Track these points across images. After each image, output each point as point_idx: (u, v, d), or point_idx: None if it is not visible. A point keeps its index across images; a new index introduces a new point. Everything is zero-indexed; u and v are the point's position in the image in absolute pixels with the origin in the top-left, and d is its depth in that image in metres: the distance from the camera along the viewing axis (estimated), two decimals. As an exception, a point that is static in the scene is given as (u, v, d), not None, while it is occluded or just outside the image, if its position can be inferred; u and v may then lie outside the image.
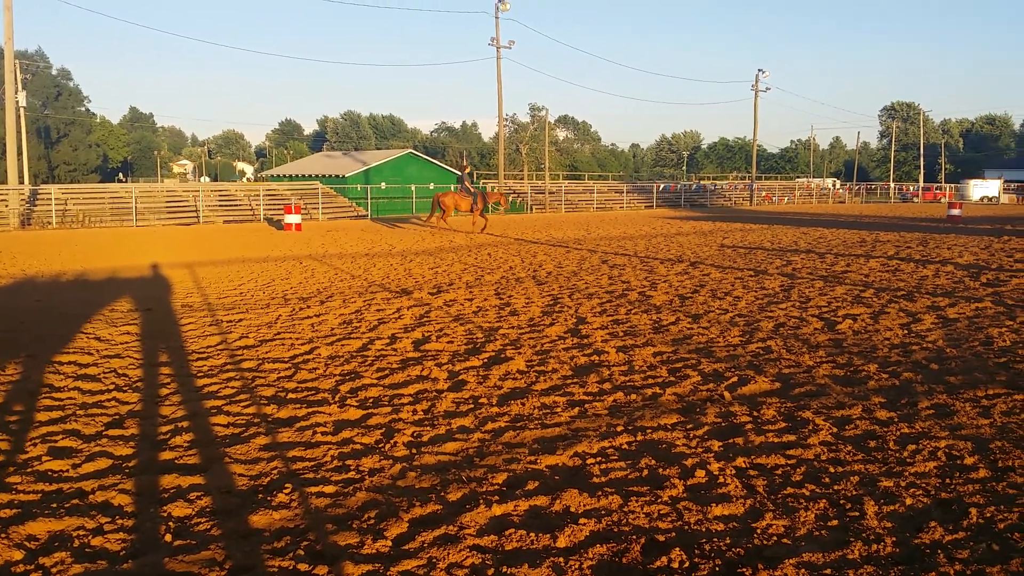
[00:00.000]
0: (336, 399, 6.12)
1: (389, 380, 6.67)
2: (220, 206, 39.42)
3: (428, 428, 5.38)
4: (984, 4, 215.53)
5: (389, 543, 3.68)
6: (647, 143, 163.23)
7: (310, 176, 51.68)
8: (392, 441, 5.13)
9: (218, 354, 7.79)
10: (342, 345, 8.13)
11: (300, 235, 27.55)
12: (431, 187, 51.29)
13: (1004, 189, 70.46)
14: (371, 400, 6.09)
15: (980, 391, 5.99)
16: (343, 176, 50.44)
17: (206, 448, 5.03)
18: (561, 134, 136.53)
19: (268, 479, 4.48)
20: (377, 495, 4.24)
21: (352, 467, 4.68)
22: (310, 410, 5.84)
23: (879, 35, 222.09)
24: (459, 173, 30.15)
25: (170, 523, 3.92)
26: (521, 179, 71.72)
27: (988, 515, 3.81)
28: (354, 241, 24.18)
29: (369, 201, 45.81)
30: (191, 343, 8.34)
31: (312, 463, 4.75)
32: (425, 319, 9.64)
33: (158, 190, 43.03)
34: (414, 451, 4.94)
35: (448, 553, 3.55)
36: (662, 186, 66.99)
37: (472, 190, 28.27)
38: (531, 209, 52.42)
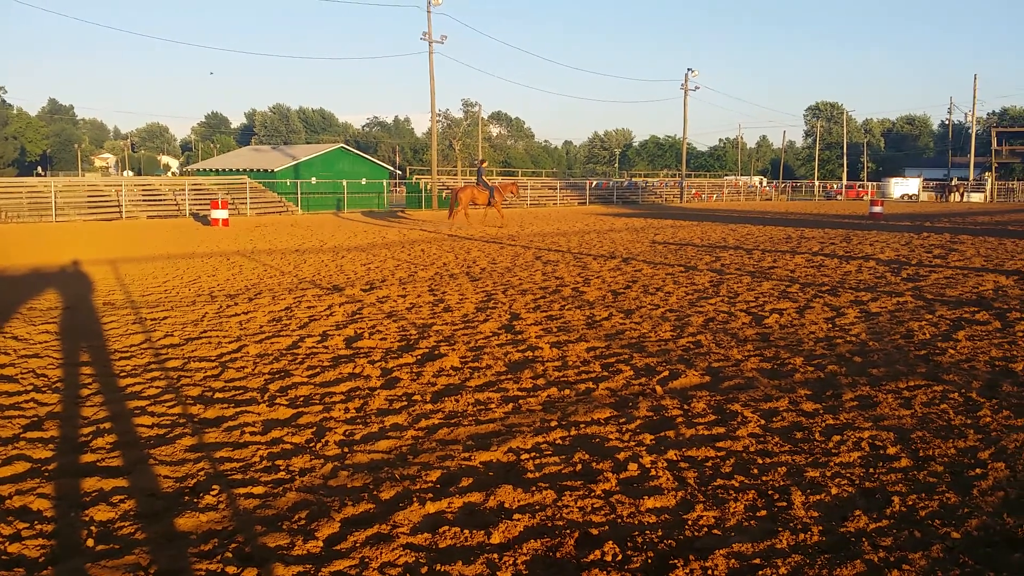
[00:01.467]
0: (265, 398, 6.00)
1: (320, 378, 6.56)
2: (144, 201, 38.30)
3: (360, 426, 5.32)
4: (904, 8, 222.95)
5: (320, 543, 3.61)
6: (580, 140, 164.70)
7: (238, 170, 50.56)
8: (323, 440, 5.05)
9: (142, 353, 7.56)
10: (271, 343, 7.98)
11: (227, 231, 26.99)
12: (363, 182, 50.84)
13: (923, 187, 73.06)
14: (302, 399, 5.99)
15: (901, 383, 6.19)
16: (272, 170, 49.48)
17: (129, 450, 4.87)
18: (495, 130, 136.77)
19: (194, 481, 4.37)
20: (308, 495, 4.16)
21: (282, 467, 4.59)
22: (238, 409, 5.71)
23: (804, 36, 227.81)
24: (479, 168, 30.92)
25: (92, 528, 3.78)
26: (455, 175, 71.49)
27: (910, 503, 3.92)
28: (284, 237, 23.78)
29: (299, 196, 45.14)
30: (114, 342, 8.08)
31: (240, 464, 4.65)
32: (357, 316, 9.53)
33: (79, 184, 41.56)
34: (346, 450, 4.87)
35: (381, 552, 3.51)
36: (595, 183, 67.56)
37: (489, 184, 28.80)
38: (464, 205, 52.21)
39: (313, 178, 48.26)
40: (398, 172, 69.68)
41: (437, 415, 5.53)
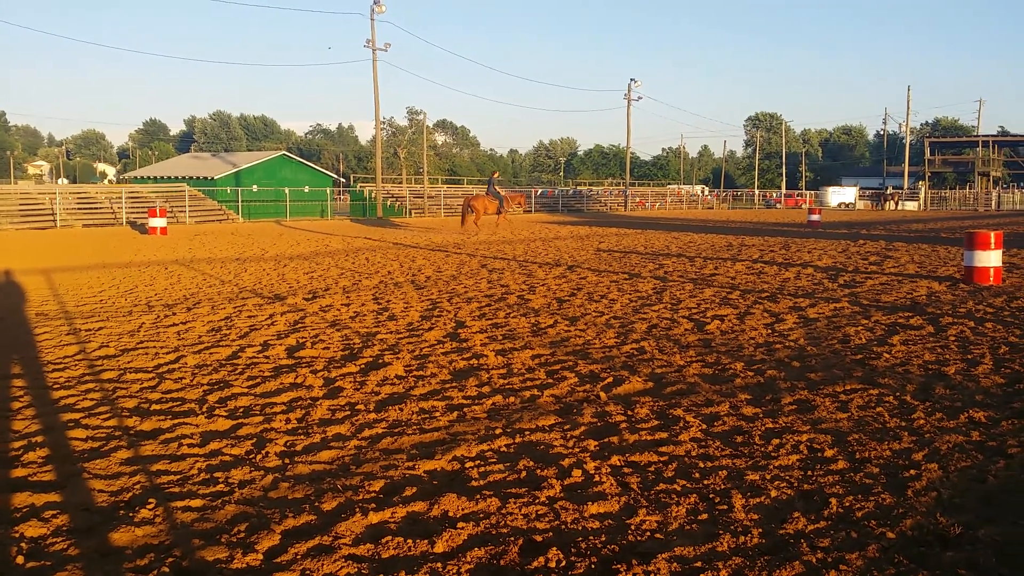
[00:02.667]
0: (204, 409, 5.88)
1: (261, 388, 6.46)
2: (79, 209, 37.30)
3: (302, 437, 5.24)
4: (840, 21, 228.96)
5: (260, 556, 3.55)
6: (525, 149, 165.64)
7: (177, 178, 49.58)
8: (264, 451, 4.96)
9: (76, 365, 7.35)
10: (210, 353, 7.82)
11: (166, 239, 26.44)
12: (306, 190, 50.25)
13: (860, 196, 74.94)
14: (241, 409, 5.88)
15: (838, 386, 6.32)
16: (212, 178, 48.62)
17: (63, 464, 4.73)
18: (440, 138, 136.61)
19: (130, 494, 4.25)
20: (247, 507, 4.08)
21: (221, 479, 4.49)
22: (176, 421, 5.58)
23: (744, 48, 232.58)
24: (490, 179, 32.36)
25: (23, 544, 3.65)
26: (400, 183, 71.16)
27: (847, 504, 4.00)
28: (224, 245, 23.39)
29: (240, 204, 44.44)
30: (46, 353, 7.84)
31: (178, 476, 4.54)
32: (300, 325, 9.40)
33: (10, 193, 40.30)
34: (287, 461, 4.79)
35: (322, 564, 3.45)
36: (540, 191, 67.91)
37: (500, 194, 30.21)
38: (410, 213, 52.10)
39: (254, 186, 47.56)
40: (342, 180, 69.08)
41: (381, 424, 5.48)
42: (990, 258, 12.90)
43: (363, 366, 7.22)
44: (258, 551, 3.59)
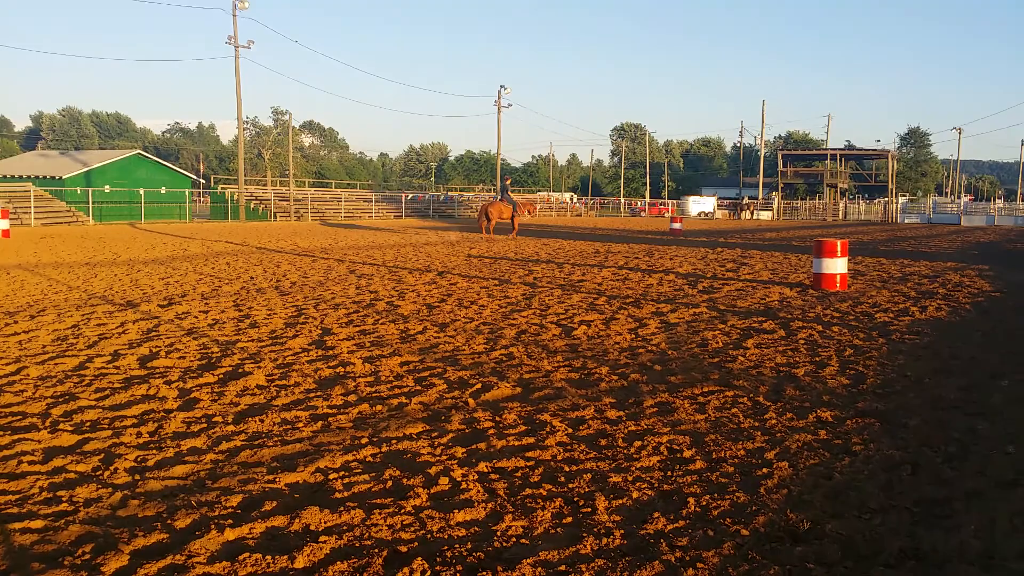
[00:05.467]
0: (47, 424, 5.48)
1: (110, 401, 6.09)
2: (-93, 208, 34.33)
3: (154, 451, 4.97)
4: (700, 37, 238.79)
5: (106, 580, 3.33)
6: (396, 153, 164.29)
7: (21, 177, 46.46)
8: (112, 467, 4.67)
9: (-103, 378, 6.72)
10: (55, 364, 7.33)
11: (8, 242, 24.68)
12: (163, 191, 48.14)
13: (718, 205, 78.28)
14: (88, 424, 5.52)
15: (697, 389, 6.54)
16: (61, 178, 45.83)
17: None
18: (307, 140, 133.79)
19: (-43, 520, 3.91)
20: (94, 527, 3.83)
21: (64, 498, 4.20)
22: (15, 437, 5.18)
23: (610, 59, 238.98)
24: (503, 184, 34.20)
25: None
26: (264, 185, 69.13)
27: (704, 503, 4.13)
28: (73, 249, 22.05)
29: (91, 206, 42.10)
30: None
31: (17, 496, 4.21)
32: (153, 334, 8.95)
33: None
34: (137, 477, 4.53)
35: (174, 586, 3.27)
36: (411, 196, 67.52)
37: (513, 200, 31.63)
38: (275, 217, 50.73)
39: (107, 186, 45.15)
40: (202, 181, 66.52)
41: (239, 437, 5.26)
42: (836, 265, 13.71)
43: (221, 376, 6.93)
44: (104, 573, 3.37)
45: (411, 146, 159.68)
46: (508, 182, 35.38)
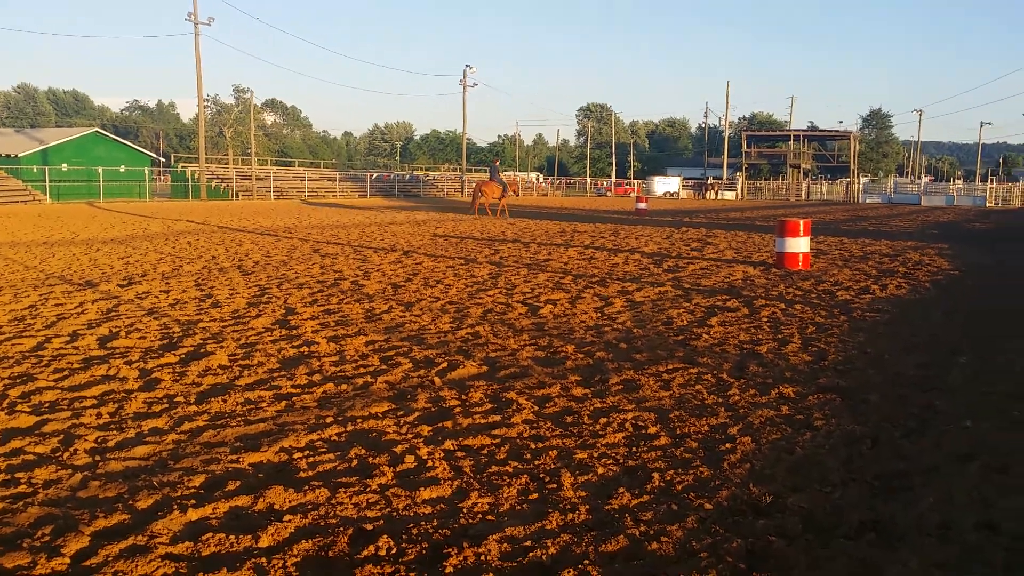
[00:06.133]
0: (4, 405, 5.38)
1: (69, 382, 5.98)
2: None
3: (115, 432, 4.89)
4: (666, 18, 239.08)
5: (67, 560, 3.27)
6: (360, 132, 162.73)
7: (-26, 155, 45.31)
8: (72, 448, 4.59)
9: None
10: (12, 345, 7.18)
11: (-38, 221, 24.10)
12: (122, 170, 47.28)
13: (683, 185, 78.67)
14: (47, 404, 5.42)
15: (662, 366, 6.59)
16: (16, 156, 44.74)
17: None
18: (269, 118, 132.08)
19: (-90, 503, 3.82)
20: (53, 509, 3.76)
21: (23, 480, 4.12)
22: (-31, 420, 5.07)
23: (576, 38, 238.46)
24: (492, 166, 34.86)
25: None
26: (226, 163, 68.12)
27: (668, 478, 4.17)
28: (29, 228, 21.60)
29: (48, 184, 41.24)
30: None
31: (-29, 480, 4.13)
32: (113, 313, 8.80)
33: None
34: (98, 458, 4.46)
35: (136, 565, 3.23)
36: (376, 175, 67.00)
37: (503, 181, 32.47)
38: (237, 196, 50.09)
39: (64, 165, 44.22)
40: (162, 160, 65.41)
41: (202, 417, 5.20)
42: (799, 244, 13.87)
43: (183, 356, 6.84)
44: (65, 555, 3.31)
45: (376, 125, 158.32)
46: (497, 163, 35.94)
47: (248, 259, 14.60)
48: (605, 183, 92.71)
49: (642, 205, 38.48)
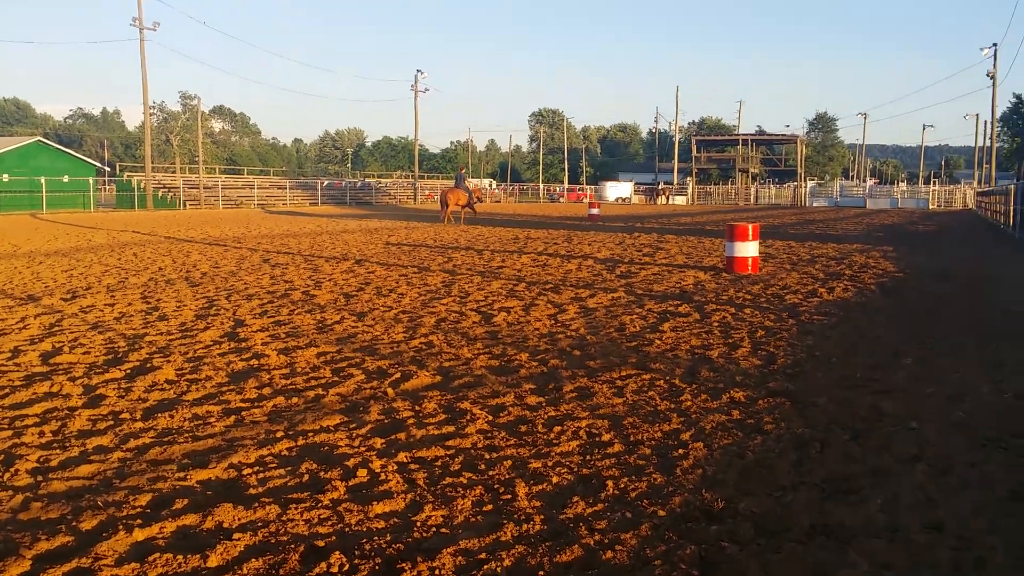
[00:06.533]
0: (-62, 426, 5.20)
1: (10, 400, 5.80)
2: None
3: (58, 451, 4.76)
4: (615, 24, 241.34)
5: (5, 588, 3.17)
6: (311, 139, 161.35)
7: (-90, 165, 43.92)
8: (12, 469, 4.45)
9: None
10: (-52, 362, 6.95)
11: None
12: (65, 180, 46.22)
13: (635, 190, 79.40)
14: (-15, 424, 5.25)
15: (615, 373, 6.62)
16: (-46, 166, 43.54)
17: None
18: (217, 125, 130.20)
19: None
20: (-9, 533, 3.64)
21: (-41, 504, 3.98)
22: (-98, 442, 4.89)
23: (528, 46, 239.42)
24: (459, 174, 34.77)
25: None
26: (173, 172, 66.95)
27: (623, 486, 4.18)
28: (-31, 241, 20.96)
29: (-11, 195, 40.14)
30: None
31: (-97, 505, 3.98)
32: (56, 328, 8.58)
33: None
34: (40, 479, 4.33)
35: (79, 591, 3.14)
36: (327, 183, 66.42)
37: (468, 188, 32.85)
38: (184, 205, 49.28)
39: (5, 175, 43.09)
40: (107, 169, 64.02)
41: (148, 434, 5.08)
42: (748, 249, 14.06)
43: (129, 371, 6.69)
44: (3, 582, 3.21)
45: (326, 132, 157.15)
46: (463, 171, 36.26)
47: (196, 270, 14.35)
48: (558, 189, 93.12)
49: (595, 211, 38.77)
